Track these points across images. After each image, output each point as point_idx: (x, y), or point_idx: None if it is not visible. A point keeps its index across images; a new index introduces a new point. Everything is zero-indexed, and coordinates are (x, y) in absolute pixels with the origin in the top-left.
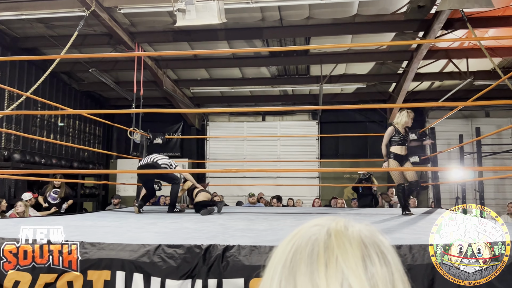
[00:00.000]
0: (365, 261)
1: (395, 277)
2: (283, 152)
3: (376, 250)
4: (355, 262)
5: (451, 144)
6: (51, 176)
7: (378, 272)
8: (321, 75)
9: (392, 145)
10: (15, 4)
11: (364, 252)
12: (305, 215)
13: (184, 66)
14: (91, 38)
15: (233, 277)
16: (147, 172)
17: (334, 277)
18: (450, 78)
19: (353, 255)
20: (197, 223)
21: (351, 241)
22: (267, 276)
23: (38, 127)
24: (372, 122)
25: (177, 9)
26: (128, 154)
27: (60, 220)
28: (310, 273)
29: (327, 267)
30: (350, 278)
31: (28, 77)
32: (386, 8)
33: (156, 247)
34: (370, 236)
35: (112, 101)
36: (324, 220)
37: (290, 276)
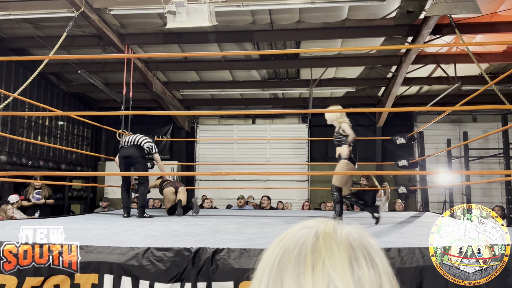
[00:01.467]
0: (352, 264)
1: (383, 280)
2: (273, 155)
3: (364, 252)
4: (341, 265)
5: (439, 148)
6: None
7: (365, 275)
8: (311, 79)
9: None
10: (3, 4)
11: (351, 255)
12: (295, 218)
13: (174, 68)
14: (80, 39)
15: (223, 280)
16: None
17: (321, 280)
18: (438, 83)
19: (340, 258)
20: (186, 226)
21: (339, 244)
22: (256, 278)
23: (26, 129)
24: (361, 126)
25: (167, 11)
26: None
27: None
28: (297, 275)
29: (314, 270)
30: (337, 281)
31: (16, 77)
32: (376, 13)
33: (145, 250)
34: (358, 239)
35: (101, 102)
36: (314, 223)
37: (277, 278)
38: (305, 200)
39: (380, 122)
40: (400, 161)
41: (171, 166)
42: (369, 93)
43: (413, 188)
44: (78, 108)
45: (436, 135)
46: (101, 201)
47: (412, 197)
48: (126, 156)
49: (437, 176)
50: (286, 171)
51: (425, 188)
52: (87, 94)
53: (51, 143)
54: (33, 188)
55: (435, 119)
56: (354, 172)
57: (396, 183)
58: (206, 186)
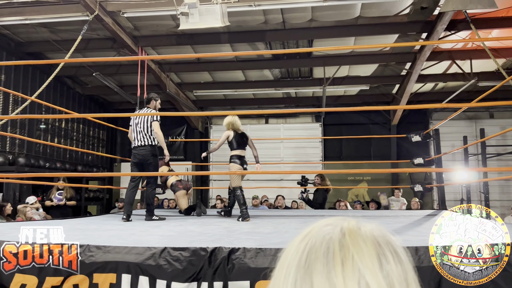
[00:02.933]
0: (380, 259)
1: (409, 276)
2: (286, 154)
3: (390, 249)
4: (371, 260)
5: (455, 146)
6: (55, 179)
7: (393, 270)
8: (324, 77)
9: (234, 148)
10: (20, 9)
11: (378, 251)
12: (310, 218)
13: (187, 69)
14: (94, 42)
15: (239, 280)
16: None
17: (351, 275)
18: (454, 79)
19: (368, 254)
20: (202, 226)
21: (365, 240)
22: (279, 276)
23: (42, 131)
24: (375, 124)
25: (180, 12)
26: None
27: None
28: (327, 272)
29: (344, 266)
30: (367, 276)
31: (33, 81)
32: (389, 10)
33: (162, 250)
34: (382, 236)
35: (115, 104)
36: (335, 220)
37: (306, 275)
38: None
39: (395, 120)
40: (415, 159)
41: (185, 167)
42: (383, 90)
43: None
44: (94, 110)
45: (452, 132)
46: (117, 202)
47: (428, 195)
48: (137, 159)
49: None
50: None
51: (441, 186)
52: (102, 97)
53: (67, 145)
54: (56, 189)
55: (451, 116)
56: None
57: (411, 181)
58: (220, 186)
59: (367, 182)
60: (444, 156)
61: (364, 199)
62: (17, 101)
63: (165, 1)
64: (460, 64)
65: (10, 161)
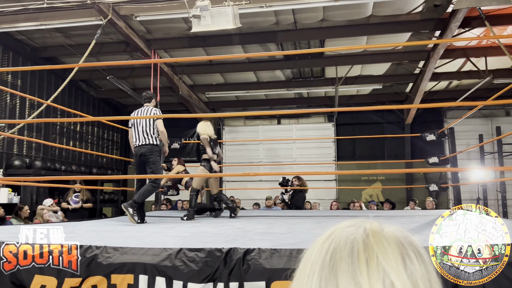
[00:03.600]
0: (404, 259)
1: (432, 276)
2: (299, 155)
3: (413, 249)
4: (395, 260)
5: (470, 144)
6: (71, 182)
7: (417, 270)
8: (336, 77)
9: (206, 152)
10: (35, 14)
11: (402, 251)
12: (324, 218)
13: (200, 71)
14: (108, 46)
15: (255, 280)
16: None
17: (376, 275)
18: (469, 77)
19: (392, 254)
20: (216, 227)
21: (389, 240)
22: (302, 276)
23: (58, 135)
24: (389, 123)
25: (192, 15)
26: None
27: (81, 226)
28: (352, 271)
29: (368, 266)
30: (392, 275)
31: (48, 85)
32: (401, 8)
33: (178, 251)
34: (404, 236)
35: (129, 107)
36: (358, 221)
37: (331, 275)
38: (333, 200)
39: (409, 118)
40: (430, 158)
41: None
42: (396, 89)
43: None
44: (108, 113)
45: (467, 130)
46: None
47: (443, 195)
48: (138, 155)
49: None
50: (312, 171)
51: (457, 185)
52: (115, 100)
53: (82, 148)
54: (72, 191)
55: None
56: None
57: (426, 181)
58: (233, 187)
59: (381, 182)
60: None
61: (378, 199)
62: (33, 105)
63: (177, 4)
64: (474, 61)
65: (27, 164)
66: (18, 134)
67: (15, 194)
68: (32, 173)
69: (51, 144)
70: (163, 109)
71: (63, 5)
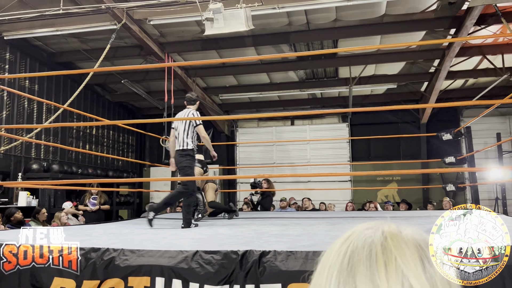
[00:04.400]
0: (423, 261)
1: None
2: (313, 155)
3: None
4: (414, 263)
5: (488, 143)
6: (87, 185)
7: (436, 273)
8: (350, 77)
9: (197, 152)
10: (51, 20)
11: (421, 253)
12: (339, 219)
13: (213, 73)
14: (122, 50)
15: (271, 283)
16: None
17: (395, 277)
18: (485, 75)
19: (411, 256)
20: (231, 229)
21: (407, 243)
22: (320, 279)
23: (75, 138)
24: (404, 123)
25: (205, 18)
26: (161, 162)
27: (98, 228)
28: (370, 274)
29: (387, 268)
30: (411, 278)
31: (64, 90)
32: (415, 7)
33: (194, 253)
34: (423, 239)
35: (144, 110)
36: (375, 224)
37: (349, 278)
38: (348, 201)
39: (424, 118)
40: (447, 158)
41: (213, 170)
42: (411, 88)
43: (462, 186)
44: (123, 117)
45: (484, 129)
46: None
47: (461, 195)
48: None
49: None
50: (327, 172)
51: (474, 185)
52: (130, 103)
53: (98, 152)
54: (89, 194)
55: (483, 113)
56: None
57: (443, 181)
58: (247, 189)
59: (396, 182)
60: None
61: (394, 200)
62: (50, 109)
63: (190, 8)
64: (491, 59)
65: (44, 168)
66: (36, 138)
67: (34, 197)
68: (50, 176)
69: (67, 148)
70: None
71: (78, 11)
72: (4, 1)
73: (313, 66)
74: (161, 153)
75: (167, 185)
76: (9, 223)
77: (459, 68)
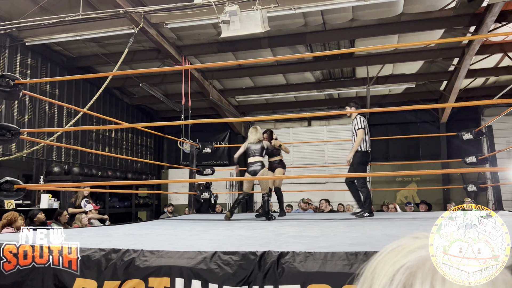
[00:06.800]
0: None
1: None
2: (330, 156)
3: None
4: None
5: (510, 143)
6: (107, 187)
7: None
8: (367, 77)
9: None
10: (71, 26)
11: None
12: (357, 221)
13: (229, 75)
14: (140, 54)
15: (289, 284)
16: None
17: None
18: (507, 72)
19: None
20: (249, 230)
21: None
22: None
23: (94, 141)
24: (424, 123)
25: (221, 21)
26: (179, 164)
27: (118, 229)
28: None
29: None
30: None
31: (84, 94)
32: (433, 5)
33: (213, 254)
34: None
35: (161, 113)
36: (426, 241)
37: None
38: None
39: (444, 117)
40: (468, 158)
41: (230, 172)
42: (430, 88)
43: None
44: (141, 120)
45: (506, 128)
46: (166, 207)
47: (482, 195)
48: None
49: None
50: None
51: (497, 186)
52: (148, 106)
53: (117, 154)
54: (82, 196)
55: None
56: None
57: (464, 181)
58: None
59: (416, 183)
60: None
61: (413, 201)
62: (70, 113)
63: (207, 10)
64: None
65: (65, 170)
66: (57, 142)
67: (55, 199)
68: (71, 179)
69: (87, 151)
70: (194, 114)
71: (97, 16)
72: (25, 8)
73: (329, 67)
74: (178, 155)
75: (185, 187)
76: (32, 224)
77: (480, 66)
